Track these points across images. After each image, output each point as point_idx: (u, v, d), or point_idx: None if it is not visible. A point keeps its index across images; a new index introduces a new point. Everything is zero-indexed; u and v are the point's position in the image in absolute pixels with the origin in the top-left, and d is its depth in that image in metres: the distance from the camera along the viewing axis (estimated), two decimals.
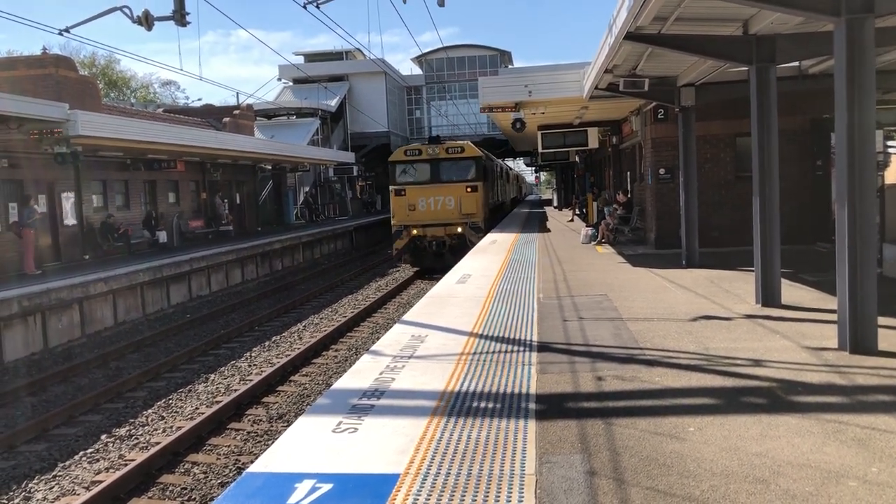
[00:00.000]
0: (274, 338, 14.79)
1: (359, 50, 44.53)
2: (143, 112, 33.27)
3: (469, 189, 22.86)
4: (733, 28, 9.61)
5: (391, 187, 23.55)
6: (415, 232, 22.97)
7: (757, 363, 6.40)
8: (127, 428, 9.52)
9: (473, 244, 20.65)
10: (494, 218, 29.35)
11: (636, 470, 4.23)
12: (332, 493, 4.01)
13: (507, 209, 41.30)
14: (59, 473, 8.08)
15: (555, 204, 51.51)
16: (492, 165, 29.01)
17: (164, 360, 13.02)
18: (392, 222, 23.50)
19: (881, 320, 6.69)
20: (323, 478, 4.20)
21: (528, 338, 7.75)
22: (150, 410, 10.25)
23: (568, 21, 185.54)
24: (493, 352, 7.19)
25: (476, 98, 21.82)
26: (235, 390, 10.73)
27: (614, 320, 8.62)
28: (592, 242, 18.77)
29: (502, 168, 39.77)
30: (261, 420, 9.58)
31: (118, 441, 9.03)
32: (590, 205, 25.18)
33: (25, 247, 17.77)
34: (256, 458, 5.47)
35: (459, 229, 22.73)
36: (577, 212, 31.47)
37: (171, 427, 9.37)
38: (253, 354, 13.43)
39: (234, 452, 8.45)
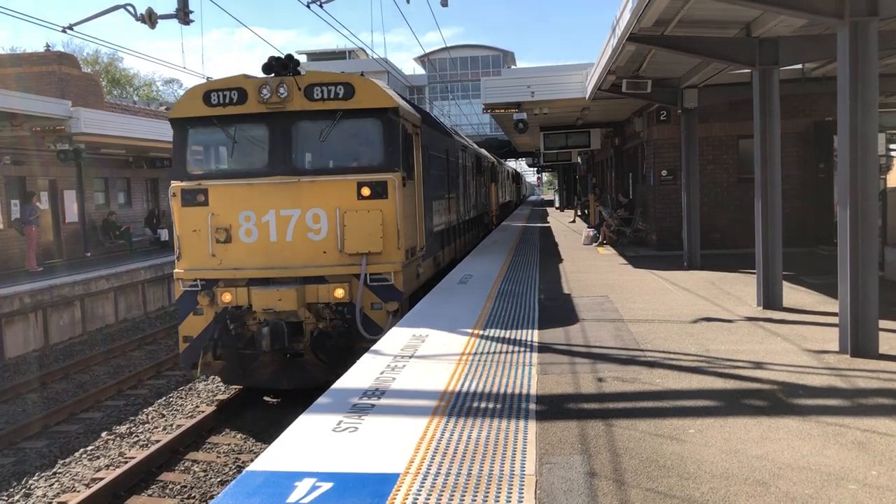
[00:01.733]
0: None
1: (362, 49, 44.52)
2: (145, 110, 33.28)
3: (367, 190, 9.40)
4: (735, 31, 9.60)
5: (174, 184, 9.58)
6: (228, 298, 9.31)
7: (758, 365, 6.39)
8: (127, 425, 9.53)
9: (375, 333, 9.00)
10: (452, 251, 15.61)
11: (636, 471, 4.23)
12: (331, 491, 4.00)
13: (490, 224, 26.68)
14: (60, 470, 8.09)
15: (556, 205, 51.75)
16: (445, 145, 14.86)
17: (166, 357, 13.03)
18: (175, 271, 9.71)
19: (882, 323, 6.69)
20: (323, 476, 4.20)
21: (529, 338, 7.75)
22: (150, 408, 10.26)
23: (571, 22, 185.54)
24: (494, 352, 7.18)
25: (479, 98, 20.20)
26: (236, 388, 10.73)
27: (615, 321, 8.62)
28: (594, 244, 18.77)
29: (478, 156, 23.07)
30: (261, 418, 9.58)
31: (118, 438, 9.05)
32: (591, 206, 25.14)
33: (28, 243, 17.81)
34: (256, 456, 5.47)
35: (340, 292, 9.32)
36: (579, 213, 31.47)
37: (172, 425, 9.39)
38: None
39: (234, 451, 8.46)
